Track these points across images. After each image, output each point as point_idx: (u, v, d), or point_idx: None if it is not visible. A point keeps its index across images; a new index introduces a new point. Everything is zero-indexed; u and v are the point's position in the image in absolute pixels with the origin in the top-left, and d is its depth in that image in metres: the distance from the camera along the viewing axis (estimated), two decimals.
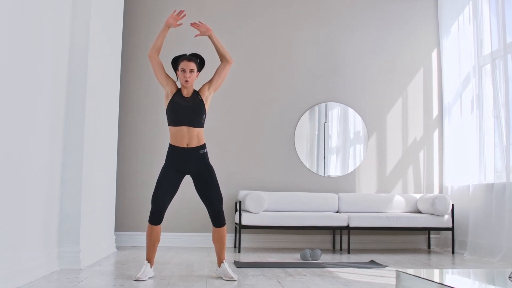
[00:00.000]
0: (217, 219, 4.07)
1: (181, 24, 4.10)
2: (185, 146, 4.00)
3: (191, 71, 4.01)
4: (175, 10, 4.08)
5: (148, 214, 4.06)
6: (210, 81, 4.14)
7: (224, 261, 4.06)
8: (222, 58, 4.13)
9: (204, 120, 4.09)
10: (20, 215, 3.58)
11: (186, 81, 4.00)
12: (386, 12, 7.14)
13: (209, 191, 4.04)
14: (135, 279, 3.85)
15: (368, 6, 7.13)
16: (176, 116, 4.01)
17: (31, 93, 3.74)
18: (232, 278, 3.93)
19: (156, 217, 4.00)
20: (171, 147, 4.05)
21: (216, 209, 4.05)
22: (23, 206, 3.63)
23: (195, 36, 4.19)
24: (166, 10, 6.81)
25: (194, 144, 4.02)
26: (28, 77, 3.67)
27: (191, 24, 4.09)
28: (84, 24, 4.65)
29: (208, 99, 4.13)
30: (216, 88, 4.17)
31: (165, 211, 4.03)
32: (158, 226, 4.03)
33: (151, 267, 4.01)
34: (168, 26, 4.05)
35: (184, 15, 4.08)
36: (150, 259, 4.03)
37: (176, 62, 4.11)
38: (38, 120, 3.88)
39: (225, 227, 4.10)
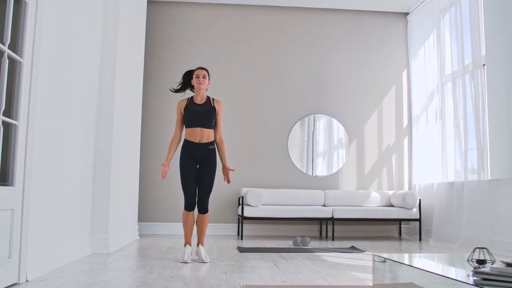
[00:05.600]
0: (201, 206, 4.05)
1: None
2: (197, 141, 4.04)
3: (204, 76, 4.10)
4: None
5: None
6: (217, 117, 4.14)
7: (200, 244, 4.04)
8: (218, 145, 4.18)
9: (214, 123, 4.12)
10: (58, 209, 3.60)
11: (200, 83, 4.06)
12: (365, 38, 7.17)
13: (203, 181, 4.03)
14: (182, 261, 3.85)
15: (350, 33, 7.16)
16: (191, 119, 4.05)
17: (67, 108, 3.76)
18: (203, 260, 3.91)
19: (190, 204, 4.00)
20: (186, 141, 4.08)
21: (202, 198, 4.03)
22: (61, 202, 3.65)
23: (228, 183, 4.21)
24: (181, 39, 6.86)
25: (205, 140, 4.05)
26: (64, 95, 3.69)
27: (228, 182, 4.17)
28: (111, 52, 4.69)
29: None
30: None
31: (196, 197, 4.02)
32: (192, 212, 4.04)
33: (190, 247, 4.01)
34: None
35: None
36: (188, 242, 4.05)
37: (189, 73, 4.21)
38: (74, 128, 3.90)
39: (207, 214, 4.08)
